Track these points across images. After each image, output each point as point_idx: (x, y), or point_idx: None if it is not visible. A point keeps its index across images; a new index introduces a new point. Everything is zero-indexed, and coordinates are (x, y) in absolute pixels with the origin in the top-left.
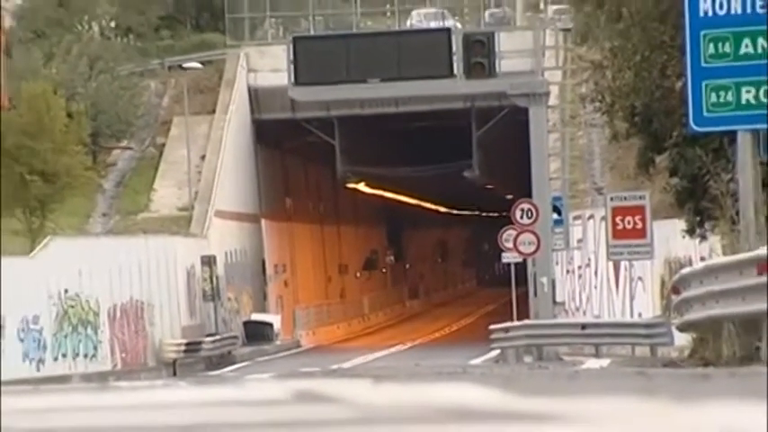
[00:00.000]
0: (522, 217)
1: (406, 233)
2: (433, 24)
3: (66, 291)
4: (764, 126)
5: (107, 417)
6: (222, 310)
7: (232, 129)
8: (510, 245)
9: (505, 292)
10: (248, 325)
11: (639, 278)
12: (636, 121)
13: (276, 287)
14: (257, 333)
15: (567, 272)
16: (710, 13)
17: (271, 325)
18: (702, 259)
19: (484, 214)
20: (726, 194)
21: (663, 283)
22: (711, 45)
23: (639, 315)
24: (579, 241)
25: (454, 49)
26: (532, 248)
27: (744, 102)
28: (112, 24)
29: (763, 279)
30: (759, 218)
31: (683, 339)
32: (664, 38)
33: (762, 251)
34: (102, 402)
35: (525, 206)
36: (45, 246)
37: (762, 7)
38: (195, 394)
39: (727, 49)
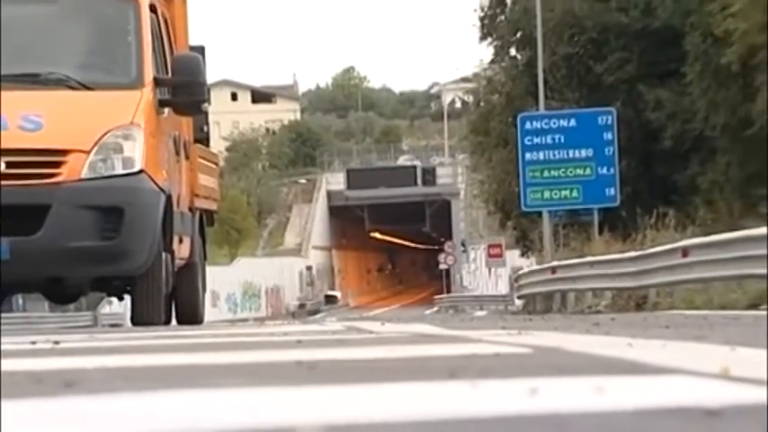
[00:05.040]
0: (448, 248)
1: (396, 256)
2: (408, 163)
3: (246, 280)
4: (555, 209)
5: (262, 337)
6: (315, 289)
7: (319, 209)
8: (443, 260)
9: (441, 283)
10: (326, 296)
11: (500, 275)
12: (498, 206)
13: (338, 279)
14: (330, 300)
15: (468, 272)
16: (532, 158)
17: (336, 296)
18: (527, 267)
19: (431, 247)
20: (537, 239)
21: (510, 278)
22: (532, 173)
23: (500, 291)
24: (474, 259)
25: (418, 173)
26: (453, 262)
27: (546, 198)
28: (267, 164)
29: (554, 275)
30: (552, 249)
31: (519, 303)
32: (509, 169)
33: (552, 264)
34: (261, 330)
35: (450, 243)
36: (237, 261)
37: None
38: (302, 327)
39: (539, 174)
